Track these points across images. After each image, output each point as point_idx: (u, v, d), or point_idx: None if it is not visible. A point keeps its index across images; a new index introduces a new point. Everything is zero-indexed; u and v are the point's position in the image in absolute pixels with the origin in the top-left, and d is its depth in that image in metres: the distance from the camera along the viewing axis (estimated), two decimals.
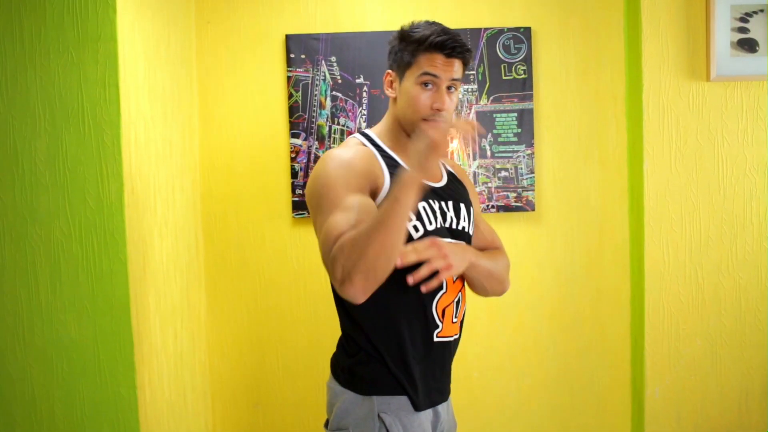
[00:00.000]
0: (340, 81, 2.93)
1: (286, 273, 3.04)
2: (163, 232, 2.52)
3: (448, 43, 1.95)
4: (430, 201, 1.98)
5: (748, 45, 2.83)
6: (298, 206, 2.96)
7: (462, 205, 2.08)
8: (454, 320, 2.05)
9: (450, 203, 2.05)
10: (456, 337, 2.09)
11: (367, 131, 2.09)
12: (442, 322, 2.00)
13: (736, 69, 2.84)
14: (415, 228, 1.92)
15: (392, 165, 1.98)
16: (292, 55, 2.94)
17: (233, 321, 3.07)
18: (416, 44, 1.97)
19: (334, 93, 2.94)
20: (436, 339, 2.01)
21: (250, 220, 3.04)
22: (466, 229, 2.08)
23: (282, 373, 3.05)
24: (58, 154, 2.13)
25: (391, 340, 1.95)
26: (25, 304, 2.15)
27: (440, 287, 1.98)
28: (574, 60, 3.02)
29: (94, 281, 2.15)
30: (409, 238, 1.89)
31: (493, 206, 2.97)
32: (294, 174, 2.95)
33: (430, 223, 1.95)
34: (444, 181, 2.10)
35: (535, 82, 2.99)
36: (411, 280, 1.76)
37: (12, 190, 2.14)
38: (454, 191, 2.11)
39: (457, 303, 2.04)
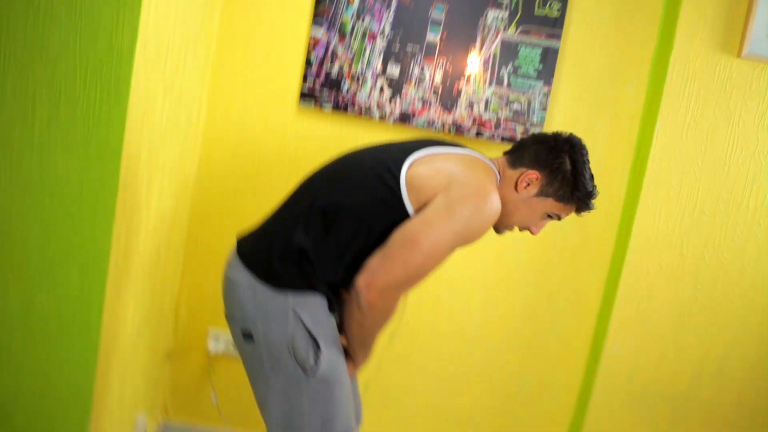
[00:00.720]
0: None
1: (281, 160, 3.06)
2: (168, 92, 2.53)
3: (587, 210, 2.15)
4: None
5: None
6: (307, 96, 2.96)
7: None
8: None
9: None
10: None
11: (498, 178, 2.13)
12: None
13: None
14: None
15: None
16: None
17: (219, 195, 3.11)
18: (575, 196, 2.09)
19: None
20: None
21: (256, 100, 3.04)
22: None
23: None
24: None
25: (326, 271, 2.02)
26: (18, 134, 2.17)
27: None
28: (610, 9, 2.98)
29: (91, 125, 2.16)
30: None
31: (499, 135, 2.98)
32: (308, 63, 2.95)
33: None
34: None
35: (567, 23, 2.96)
36: None
37: (25, 21, 2.13)
38: None
39: None
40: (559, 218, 2.13)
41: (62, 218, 2.21)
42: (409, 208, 1.94)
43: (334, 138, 2.99)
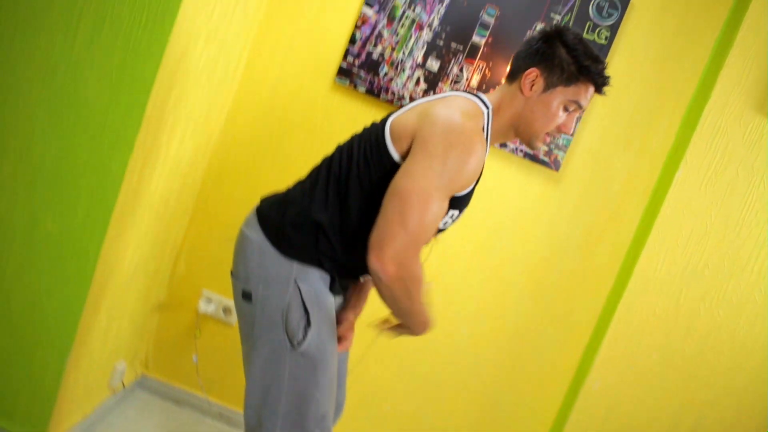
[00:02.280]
0: None
1: (307, 130, 3.04)
2: (210, 39, 2.51)
3: (606, 84, 2.00)
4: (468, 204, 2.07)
5: None
6: (344, 73, 2.95)
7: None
8: None
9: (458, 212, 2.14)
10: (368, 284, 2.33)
11: (490, 108, 2.03)
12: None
13: None
14: (445, 223, 2.03)
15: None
16: None
17: (239, 157, 3.09)
18: (583, 70, 1.98)
19: None
20: (361, 279, 2.22)
21: (293, 69, 3.03)
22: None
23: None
24: None
25: (334, 249, 1.99)
26: (58, 48, 2.16)
27: None
28: (658, 46, 2.97)
29: (129, 53, 2.15)
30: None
31: (521, 150, 2.96)
32: (352, 41, 2.94)
33: (452, 221, 2.07)
34: None
35: (611, 52, 2.96)
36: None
37: None
38: None
39: None
40: (580, 107, 2.02)
41: (82, 140, 2.20)
42: (396, 157, 1.91)
43: (362, 119, 2.97)
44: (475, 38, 2.89)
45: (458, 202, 1.95)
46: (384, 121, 1.98)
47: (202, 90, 2.64)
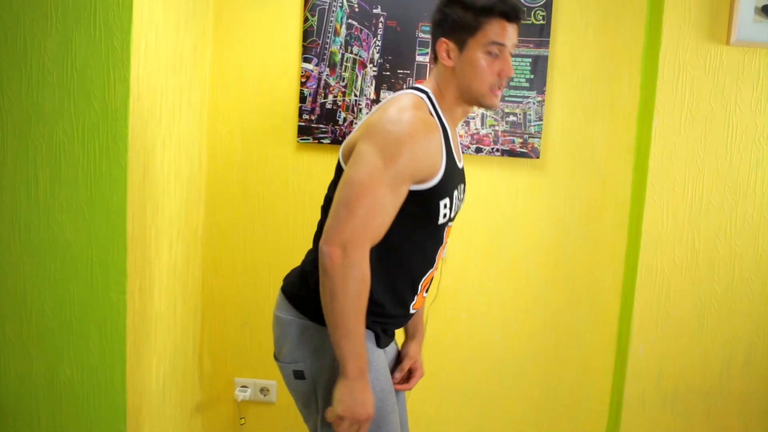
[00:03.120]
0: (357, 9, 2.90)
1: (286, 198, 3.05)
2: (167, 143, 2.52)
3: (513, 10, 1.95)
4: (459, 186, 2.05)
5: None
6: (304, 131, 2.96)
7: (463, 184, 2.14)
8: (425, 294, 2.13)
9: (463, 185, 2.11)
10: (420, 309, 2.22)
11: (432, 96, 2.02)
12: (418, 296, 2.07)
13: (757, 35, 2.79)
14: (444, 215, 1.97)
15: (446, 141, 1.97)
16: None
17: (229, 239, 3.10)
18: (480, 12, 1.95)
19: (350, 21, 2.91)
20: (412, 311, 2.09)
21: (254, 141, 3.04)
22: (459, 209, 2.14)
23: (272, 296, 3.06)
24: (67, 54, 2.12)
25: (374, 299, 1.94)
26: (23, 201, 2.17)
27: (432, 265, 2.05)
28: (595, 11, 2.98)
29: (93, 184, 2.16)
30: (435, 222, 1.96)
31: (498, 150, 2.97)
32: (302, 99, 2.95)
33: (452, 210, 2.02)
34: (462, 161, 2.15)
35: (553, 30, 2.96)
36: None
37: (19, 86, 2.13)
38: (464, 170, 2.17)
39: (432, 279, 2.12)
40: (503, 45, 1.97)
41: (75, 282, 2.20)
42: None
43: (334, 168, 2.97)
44: (419, 58, 2.90)
45: (440, 191, 1.93)
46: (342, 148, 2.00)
47: (174, 192, 2.64)
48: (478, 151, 2.96)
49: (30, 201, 2.16)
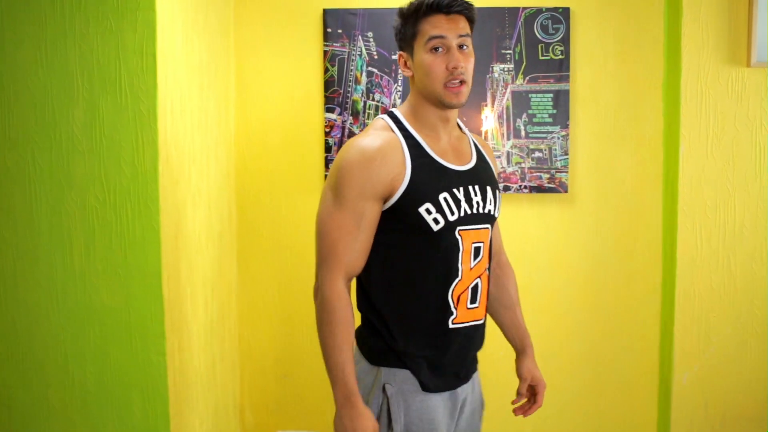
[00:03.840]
0: (376, 57, 2.93)
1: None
2: (197, 201, 2.54)
3: (443, 1, 1.94)
4: (454, 190, 1.96)
5: None
6: None
7: (489, 188, 2.05)
8: (470, 306, 2.02)
9: (477, 187, 2.02)
10: (477, 322, 2.06)
11: (395, 111, 2.05)
12: (456, 309, 1.99)
13: None
14: (435, 221, 1.91)
15: (416, 149, 1.95)
16: (329, 30, 2.94)
17: (264, 293, 3.11)
18: (415, 13, 1.96)
19: (369, 69, 2.94)
20: (451, 326, 2.00)
21: (283, 193, 3.06)
22: (492, 212, 2.06)
23: (311, 347, 3.05)
24: (95, 121, 2.14)
25: (403, 325, 1.94)
26: (59, 269, 2.18)
27: (456, 275, 1.98)
28: (613, 42, 2.99)
29: (127, 248, 2.17)
30: (429, 231, 1.91)
31: (525, 187, 2.96)
32: (327, 148, 2.96)
33: (452, 213, 1.94)
34: (473, 163, 2.06)
35: (572, 64, 2.97)
36: None
37: (49, 155, 2.15)
38: (482, 173, 2.08)
39: (474, 289, 2.02)
40: (442, 37, 1.94)
41: (114, 346, 2.20)
42: None
43: None
44: None
45: (415, 198, 1.90)
46: None
47: (207, 251, 2.66)
48: (506, 189, 2.97)
49: (66, 268, 2.18)
